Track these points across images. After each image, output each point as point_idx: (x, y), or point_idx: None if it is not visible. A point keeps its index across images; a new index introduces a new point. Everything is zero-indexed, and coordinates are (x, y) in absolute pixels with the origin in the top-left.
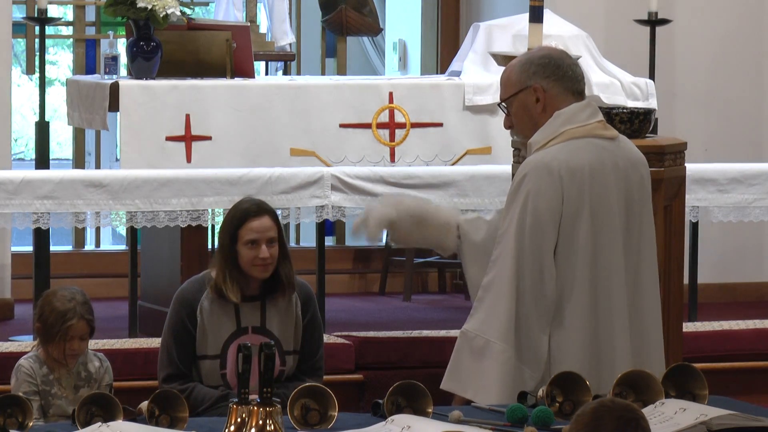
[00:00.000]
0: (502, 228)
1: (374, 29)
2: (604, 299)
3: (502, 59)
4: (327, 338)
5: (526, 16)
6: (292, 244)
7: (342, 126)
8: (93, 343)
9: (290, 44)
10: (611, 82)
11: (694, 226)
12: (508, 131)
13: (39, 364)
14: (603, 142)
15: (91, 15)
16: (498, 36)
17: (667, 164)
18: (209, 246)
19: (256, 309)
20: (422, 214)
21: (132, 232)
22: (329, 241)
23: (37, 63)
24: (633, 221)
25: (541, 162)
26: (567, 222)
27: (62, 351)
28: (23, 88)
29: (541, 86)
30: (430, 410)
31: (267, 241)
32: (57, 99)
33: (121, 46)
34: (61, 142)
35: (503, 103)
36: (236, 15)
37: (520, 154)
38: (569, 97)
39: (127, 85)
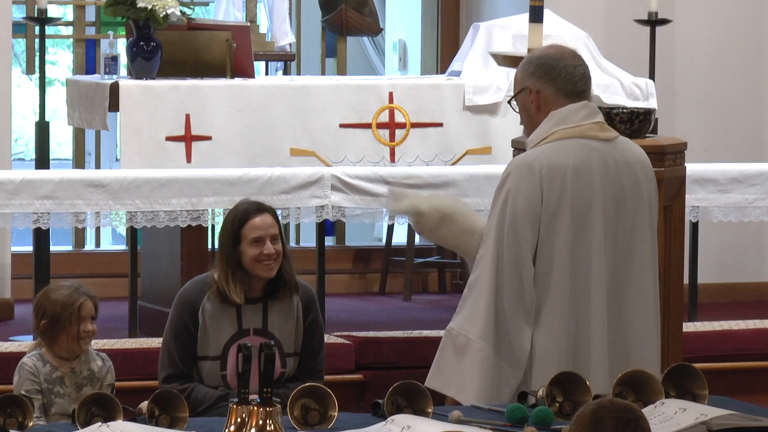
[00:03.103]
0: (486, 227)
1: (374, 29)
2: (580, 299)
3: (502, 59)
4: (327, 338)
5: (526, 16)
6: (292, 244)
7: (342, 126)
8: (93, 343)
9: (290, 44)
10: (611, 82)
11: (694, 226)
12: (508, 131)
13: (42, 362)
14: (594, 143)
15: (91, 15)
16: (498, 36)
17: (667, 164)
18: (209, 246)
19: (258, 311)
20: (451, 214)
21: (132, 232)
22: (329, 241)
23: (37, 63)
24: (624, 222)
25: (523, 161)
26: (547, 221)
27: (76, 335)
28: (23, 88)
29: (535, 87)
30: (430, 410)
31: (271, 238)
32: (57, 99)
33: (121, 46)
34: (61, 142)
35: (512, 101)
36: (236, 15)
37: (520, 154)
38: (562, 99)
39: (127, 85)
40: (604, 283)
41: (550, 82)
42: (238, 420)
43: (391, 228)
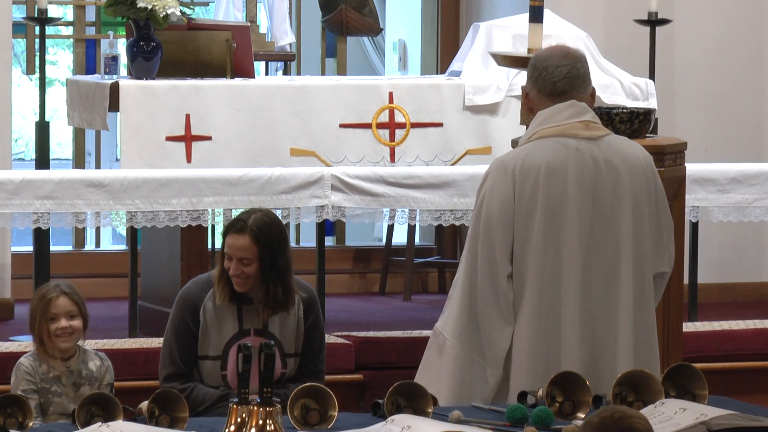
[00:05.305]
0: (469, 227)
1: (374, 29)
2: (551, 296)
3: (502, 59)
4: (327, 338)
5: (526, 16)
6: (292, 244)
7: (342, 126)
8: (93, 343)
9: (290, 44)
10: (611, 82)
11: (694, 226)
12: (508, 131)
13: (39, 362)
14: (574, 141)
15: (91, 15)
16: (498, 36)
17: (667, 164)
18: (209, 246)
19: (259, 311)
20: None
21: (132, 232)
22: (329, 241)
23: (37, 63)
24: (600, 220)
25: (500, 162)
26: (521, 220)
27: (47, 332)
28: (23, 88)
29: (525, 89)
30: (430, 410)
31: (238, 260)
32: (57, 99)
33: (121, 46)
34: (61, 142)
35: None
36: (236, 15)
37: None
38: (545, 99)
39: (127, 85)
40: (576, 280)
41: (534, 83)
42: (238, 420)
43: (391, 228)
